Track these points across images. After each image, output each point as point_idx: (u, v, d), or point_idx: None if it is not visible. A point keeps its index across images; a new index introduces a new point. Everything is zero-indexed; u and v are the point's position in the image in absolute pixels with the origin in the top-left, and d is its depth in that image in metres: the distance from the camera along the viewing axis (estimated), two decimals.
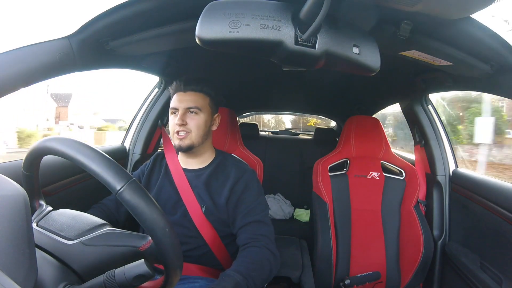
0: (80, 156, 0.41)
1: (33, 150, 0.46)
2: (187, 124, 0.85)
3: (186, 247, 0.84)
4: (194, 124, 0.85)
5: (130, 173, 0.45)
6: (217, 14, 0.46)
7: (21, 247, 0.32)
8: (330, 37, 0.51)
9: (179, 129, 0.84)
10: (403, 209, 1.23)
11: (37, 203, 0.52)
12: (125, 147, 1.32)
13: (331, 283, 1.17)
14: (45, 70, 0.62)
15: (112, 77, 32.62)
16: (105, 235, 0.47)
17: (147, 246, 0.46)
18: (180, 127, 0.84)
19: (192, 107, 0.85)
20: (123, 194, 0.40)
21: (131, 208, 0.41)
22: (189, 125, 0.85)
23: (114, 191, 0.40)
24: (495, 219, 0.93)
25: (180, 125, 0.84)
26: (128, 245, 0.46)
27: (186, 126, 0.84)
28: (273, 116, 5.94)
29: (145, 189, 0.43)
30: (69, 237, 0.46)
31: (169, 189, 0.89)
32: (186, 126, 0.84)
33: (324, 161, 1.31)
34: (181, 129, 0.84)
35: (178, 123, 0.83)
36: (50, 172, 0.85)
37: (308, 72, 1.25)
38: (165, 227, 0.42)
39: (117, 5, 0.59)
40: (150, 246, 0.46)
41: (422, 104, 1.29)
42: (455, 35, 0.61)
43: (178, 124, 0.83)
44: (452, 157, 1.28)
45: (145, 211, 0.41)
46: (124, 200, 0.41)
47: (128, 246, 0.46)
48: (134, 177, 0.42)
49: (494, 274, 0.91)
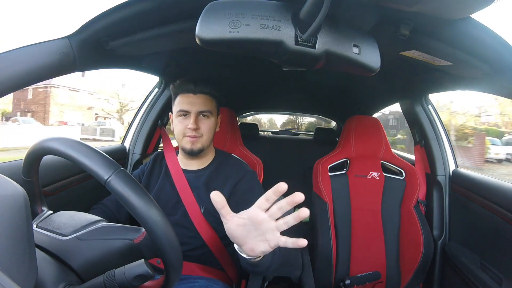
0: (70, 150, 0.42)
1: (29, 154, 0.47)
2: (200, 128, 0.83)
3: (186, 247, 0.84)
4: (206, 128, 0.84)
5: (130, 172, 0.45)
6: (217, 14, 0.46)
7: (21, 247, 0.32)
8: (330, 37, 0.51)
9: (191, 134, 0.83)
10: (403, 209, 1.23)
11: (40, 209, 0.52)
12: (125, 147, 1.32)
13: (331, 283, 1.17)
14: (45, 70, 0.61)
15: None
16: (99, 229, 0.48)
17: (142, 238, 0.46)
18: (193, 131, 0.82)
19: (205, 111, 0.84)
20: (111, 183, 0.40)
21: (119, 197, 0.41)
22: (201, 129, 0.84)
23: (103, 181, 0.41)
24: (495, 219, 0.93)
25: (194, 129, 0.82)
26: (123, 238, 0.46)
27: (199, 130, 0.83)
28: (269, 120, 5.95)
29: (134, 179, 0.43)
30: (65, 233, 0.46)
31: (169, 190, 0.88)
32: (198, 131, 0.83)
33: (324, 161, 1.31)
34: (194, 134, 0.83)
35: (192, 128, 0.82)
36: (50, 172, 0.85)
37: (308, 72, 1.25)
38: (157, 215, 0.42)
39: (117, 5, 0.59)
40: (145, 238, 0.46)
41: (422, 104, 1.29)
42: (455, 35, 0.61)
43: (192, 128, 0.82)
44: (452, 157, 1.28)
45: (133, 199, 0.41)
46: (112, 189, 0.41)
47: (123, 239, 0.46)
48: (134, 176, 0.42)
49: (494, 274, 0.91)
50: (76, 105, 18.53)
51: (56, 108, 17.37)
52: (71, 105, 18.19)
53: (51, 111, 17.11)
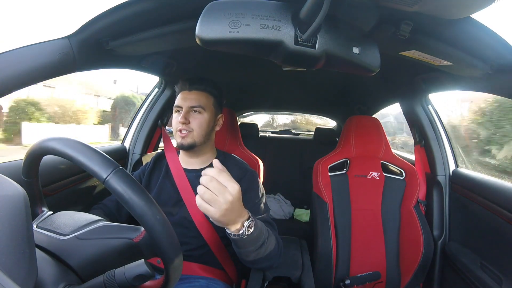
0: (69, 150, 0.42)
1: (29, 154, 0.47)
2: (190, 123, 0.85)
3: (187, 247, 0.84)
4: (197, 123, 0.86)
5: (131, 172, 0.45)
6: (217, 14, 0.46)
7: (21, 247, 0.32)
8: (330, 37, 0.51)
9: (181, 127, 0.85)
10: (403, 209, 1.23)
11: (40, 209, 0.52)
12: (125, 147, 1.32)
13: (331, 283, 1.17)
14: (45, 70, 0.62)
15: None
16: (99, 228, 0.47)
17: (141, 237, 0.46)
18: (183, 125, 0.84)
19: (196, 106, 0.86)
20: (109, 182, 0.40)
21: (118, 195, 0.41)
22: (192, 124, 0.85)
23: (101, 179, 0.41)
24: (495, 219, 0.93)
25: (182, 123, 0.84)
26: (122, 237, 0.46)
27: (189, 125, 0.85)
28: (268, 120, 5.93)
29: (133, 177, 0.43)
30: (64, 233, 0.46)
31: (169, 189, 0.88)
32: (188, 125, 0.85)
33: (324, 161, 1.31)
34: (183, 128, 0.85)
35: (181, 121, 0.84)
36: (50, 172, 0.85)
37: (308, 72, 1.25)
38: (156, 214, 0.42)
39: (117, 5, 0.59)
40: (144, 237, 0.46)
41: (422, 104, 1.29)
42: (455, 35, 0.61)
43: (181, 122, 0.84)
44: (452, 157, 1.28)
45: (132, 198, 0.41)
46: (111, 188, 0.41)
47: (122, 238, 0.46)
48: (135, 177, 0.42)
49: (494, 274, 0.91)
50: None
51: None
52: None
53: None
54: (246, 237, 0.60)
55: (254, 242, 0.63)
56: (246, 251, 0.65)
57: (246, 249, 0.64)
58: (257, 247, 0.65)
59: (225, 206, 0.53)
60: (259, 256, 0.67)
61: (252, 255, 0.66)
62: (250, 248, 0.64)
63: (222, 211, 0.54)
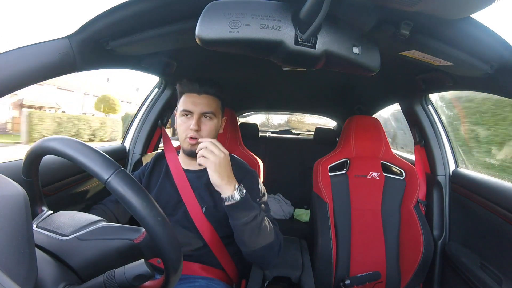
0: (70, 150, 0.42)
1: (29, 154, 0.47)
2: (201, 130, 0.83)
3: (187, 247, 0.84)
4: (207, 130, 0.84)
5: (131, 172, 0.45)
6: (217, 14, 0.46)
7: (21, 247, 0.32)
8: (330, 37, 0.51)
9: (192, 135, 0.82)
10: (403, 209, 1.23)
11: (40, 209, 0.52)
12: (125, 147, 1.31)
13: (331, 283, 1.17)
14: (45, 70, 0.61)
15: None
16: (99, 229, 0.47)
17: (142, 238, 0.46)
18: (194, 132, 0.82)
19: (208, 112, 0.83)
20: (111, 183, 0.40)
21: (119, 197, 0.41)
22: (202, 130, 0.83)
23: (103, 181, 0.41)
24: (495, 219, 0.93)
25: (195, 130, 0.82)
26: (123, 238, 0.46)
27: (200, 132, 0.83)
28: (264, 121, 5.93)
29: (135, 179, 0.43)
30: (65, 233, 0.46)
31: (169, 190, 0.88)
32: (199, 132, 0.83)
33: (324, 161, 1.31)
34: (194, 135, 0.82)
35: (193, 129, 0.81)
36: (50, 172, 0.85)
37: (308, 72, 1.25)
38: (157, 215, 0.42)
39: (117, 5, 0.59)
40: (145, 238, 0.46)
41: (422, 104, 1.29)
42: (455, 35, 0.61)
43: (193, 129, 0.81)
44: (452, 157, 1.28)
45: (133, 199, 0.41)
46: (112, 189, 0.41)
47: (123, 239, 0.46)
48: (135, 177, 0.42)
49: (494, 274, 0.91)
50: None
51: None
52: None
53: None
54: (240, 200, 0.71)
55: (248, 210, 0.72)
56: (240, 223, 0.71)
57: (241, 220, 0.71)
58: (251, 218, 0.71)
59: (215, 161, 0.71)
60: (255, 236, 0.72)
61: (247, 230, 0.72)
62: (244, 219, 0.71)
63: (214, 166, 0.71)
